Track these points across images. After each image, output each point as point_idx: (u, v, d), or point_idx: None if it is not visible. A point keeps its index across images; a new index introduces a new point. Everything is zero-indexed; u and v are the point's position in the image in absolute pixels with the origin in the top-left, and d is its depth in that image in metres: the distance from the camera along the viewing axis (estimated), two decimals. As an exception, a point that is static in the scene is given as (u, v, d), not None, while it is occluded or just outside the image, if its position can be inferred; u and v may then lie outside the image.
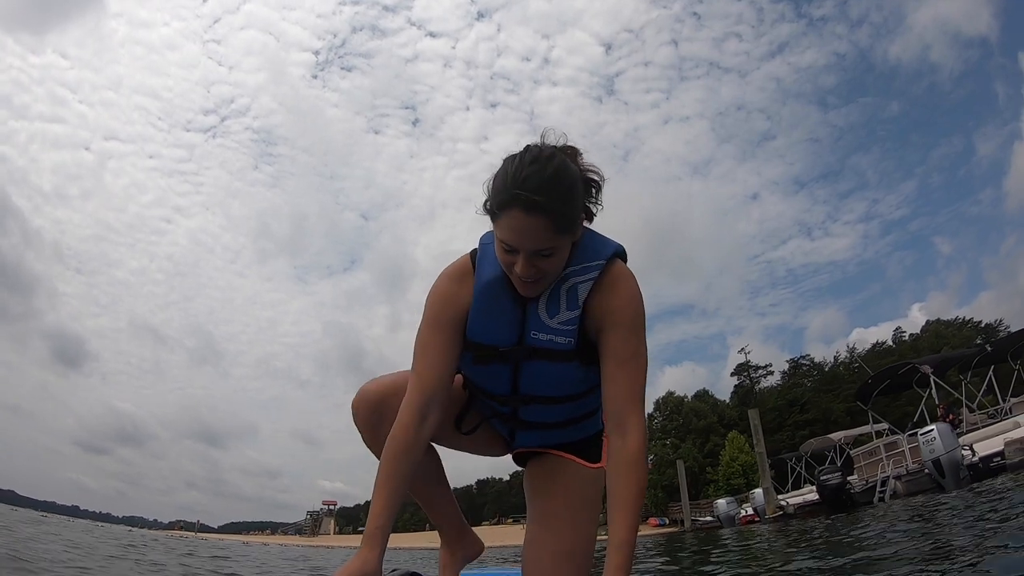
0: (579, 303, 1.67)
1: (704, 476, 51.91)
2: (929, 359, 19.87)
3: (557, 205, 1.52)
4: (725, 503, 28.40)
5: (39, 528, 10.14)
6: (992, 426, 15.36)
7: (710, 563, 5.95)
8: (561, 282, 1.68)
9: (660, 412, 62.06)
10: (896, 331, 69.61)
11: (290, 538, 77.33)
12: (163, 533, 44.18)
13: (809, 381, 63.76)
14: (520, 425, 1.92)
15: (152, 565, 5.62)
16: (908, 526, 6.06)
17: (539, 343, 1.71)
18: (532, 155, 1.56)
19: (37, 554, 4.84)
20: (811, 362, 68.55)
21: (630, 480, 1.57)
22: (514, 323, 1.72)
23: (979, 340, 57.80)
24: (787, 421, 55.14)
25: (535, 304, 1.70)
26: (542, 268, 1.59)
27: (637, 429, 1.62)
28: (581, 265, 1.68)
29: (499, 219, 1.56)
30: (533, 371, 1.76)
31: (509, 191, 1.52)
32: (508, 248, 1.57)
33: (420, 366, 1.73)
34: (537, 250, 1.55)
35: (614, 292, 1.68)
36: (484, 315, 1.74)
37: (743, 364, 69.96)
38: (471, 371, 1.83)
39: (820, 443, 28.63)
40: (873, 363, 60.47)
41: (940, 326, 63.50)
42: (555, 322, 1.69)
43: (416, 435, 1.67)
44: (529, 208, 1.50)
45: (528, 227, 1.52)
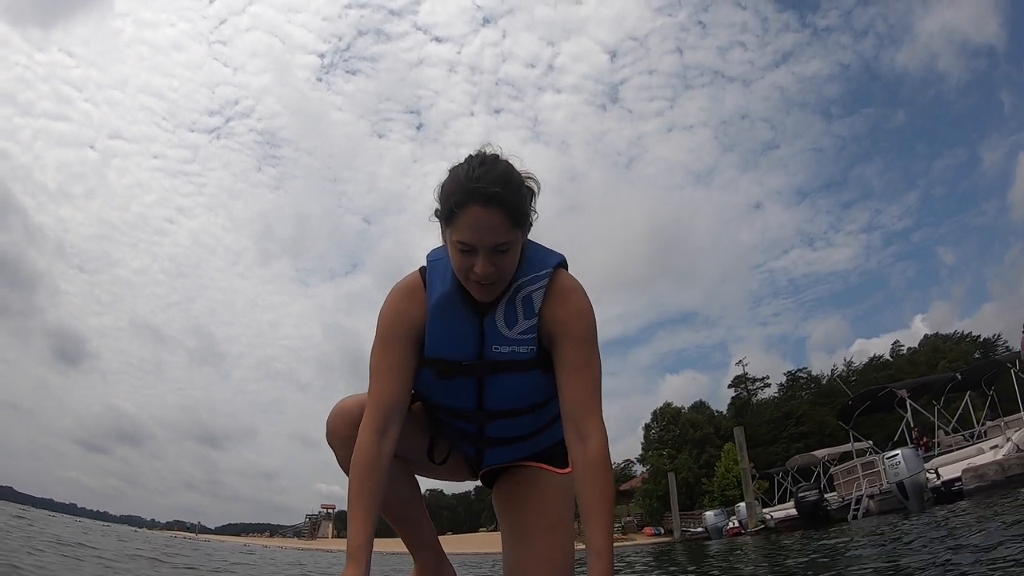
0: (536, 311, 1.74)
1: (699, 487, 52.20)
2: (905, 383, 20.67)
3: (512, 198, 1.62)
4: (713, 515, 29.13)
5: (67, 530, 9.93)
6: (960, 451, 16.08)
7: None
8: (515, 292, 1.74)
9: (657, 423, 62.25)
10: (894, 344, 69.95)
11: (288, 540, 77.63)
12: (166, 534, 44.30)
13: (806, 394, 64.01)
14: (488, 443, 1.97)
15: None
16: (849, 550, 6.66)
17: (502, 356, 1.77)
18: (480, 159, 1.66)
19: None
20: (808, 375, 68.93)
21: (596, 487, 1.63)
22: (473, 337, 1.77)
23: (977, 355, 58.24)
24: (782, 434, 55.35)
25: (492, 318, 1.75)
26: (500, 267, 1.65)
27: (597, 434, 1.67)
28: (530, 275, 1.75)
29: (456, 219, 1.62)
30: (498, 384, 1.81)
31: (466, 188, 1.60)
32: (466, 248, 1.63)
33: (375, 386, 1.78)
34: (496, 244, 1.62)
35: (565, 302, 1.75)
36: (441, 331, 1.78)
37: (740, 376, 70.46)
38: (435, 389, 1.85)
39: (805, 459, 29.42)
40: (870, 377, 61.08)
41: (938, 340, 63.66)
42: (515, 332, 1.75)
43: (378, 452, 1.71)
44: (487, 201, 1.58)
45: (487, 221, 1.59)
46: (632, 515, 59.03)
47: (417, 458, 2.01)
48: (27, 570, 3.61)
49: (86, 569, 4.14)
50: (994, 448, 14.25)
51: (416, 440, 1.96)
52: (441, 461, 2.03)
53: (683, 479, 53.17)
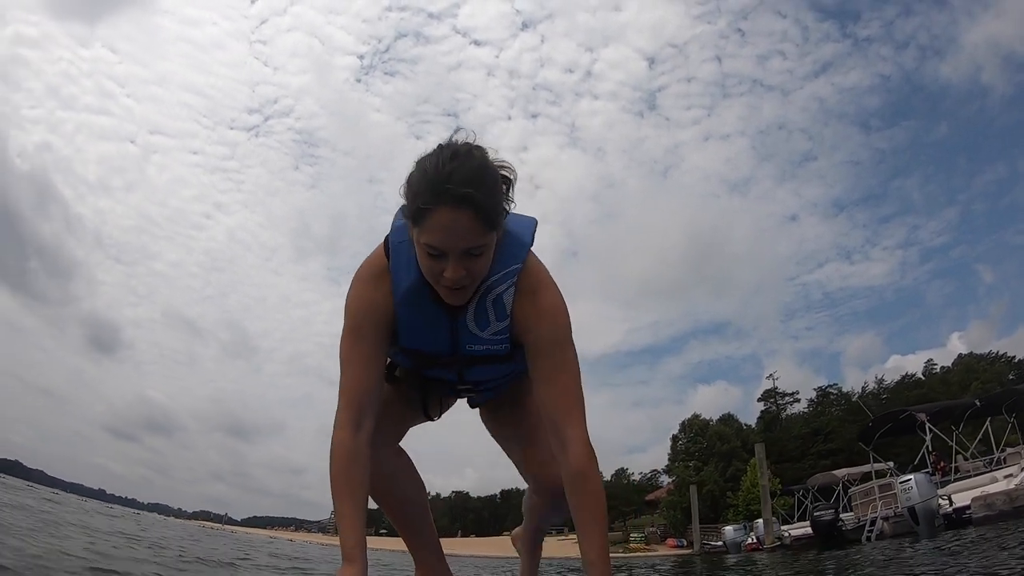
0: (507, 312, 1.69)
1: (724, 500, 52.07)
2: (926, 407, 20.76)
3: (485, 198, 1.50)
4: (732, 530, 29.31)
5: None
6: (974, 478, 16.21)
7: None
8: (485, 293, 1.67)
9: (685, 434, 62.34)
10: (927, 363, 69.20)
11: (314, 535, 78.88)
12: (195, 523, 45.04)
13: (836, 410, 63.47)
14: (468, 388, 2.00)
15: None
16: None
17: (476, 352, 1.76)
18: (451, 151, 1.53)
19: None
20: (838, 391, 68.39)
21: (584, 497, 1.62)
22: (445, 334, 1.74)
23: (1012, 375, 57.27)
24: (810, 450, 55.10)
25: (463, 319, 1.71)
26: (471, 270, 1.56)
27: (576, 442, 1.64)
28: (501, 272, 1.67)
29: (424, 221, 1.51)
30: (476, 371, 1.86)
31: (434, 188, 1.48)
32: (435, 252, 1.53)
33: (349, 378, 1.71)
34: (467, 248, 1.52)
35: (535, 302, 1.70)
36: (414, 326, 1.74)
37: (770, 390, 70.20)
38: (413, 369, 1.91)
39: (825, 478, 29.49)
40: (901, 395, 60.45)
41: (972, 360, 62.98)
42: (487, 334, 1.72)
43: (356, 444, 1.66)
44: (458, 202, 1.46)
45: (458, 224, 1.48)
46: (656, 526, 59.08)
47: (414, 418, 2.06)
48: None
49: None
50: (1008, 477, 14.39)
51: (411, 402, 2.01)
52: (437, 416, 2.09)
53: (708, 492, 53.10)
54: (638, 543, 55.17)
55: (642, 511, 71.25)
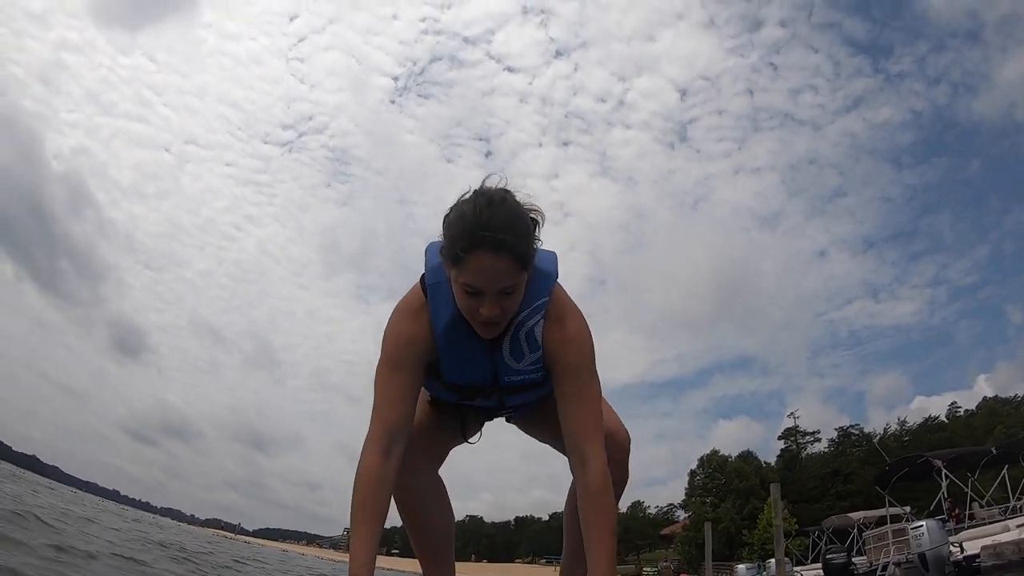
0: (539, 343, 1.83)
1: (740, 538, 51.55)
2: (942, 453, 20.70)
3: (519, 243, 1.63)
4: (745, 569, 29.33)
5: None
6: (987, 526, 16.15)
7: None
8: (518, 328, 1.81)
9: (703, 469, 62.10)
10: (951, 406, 68.17)
11: (326, 551, 78.83)
12: (207, 531, 44.97)
13: (857, 451, 62.70)
14: (509, 410, 2.10)
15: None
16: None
17: (515, 383, 1.90)
18: (487, 198, 1.66)
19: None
20: (860, 431, 67.51)
21: (597, 513, 1.70)
22: (485, 367, 1.86)
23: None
24: (830, 490, 54.42)
25: (499, 353, 1.84)
26: (505, 308, 1.70)
27: (596, 459, 1.74)
28: (531, 307, 1.80)
29: (463, 263, 1.63)
30: (516, 397, 1.98)
31: (473, 234, 1.60)
32: (473, 291, 1.66)
33: (384, 409, 1.80)
34: (503, 288, 1.65)
35: (563, 330, 1.84)
36: (455, 360, 1.86)
37: (791, 428, 69.40)
38: (457, 401, 2.01)
39: (841, 520, 29.20)
40: (923, 438, 59.53)
41: (997, 404, 61.89)
42: (523, 365, 1.86)
43: (384, 472, 1.74)
44: (496, 248, 1.59)
45: (495, 267, 1.61)
46: (669, 560, 58.46)
47: (453, 440, 2.14)
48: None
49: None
50: (1020, 527, 14.31)
51: (450, 426, 2.10)
52: (475, 439, 2.17)
53: (724, 529, 52.65)
54: (651, 576, 54.80)
55: (657, 545, 70.66)
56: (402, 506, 2.04)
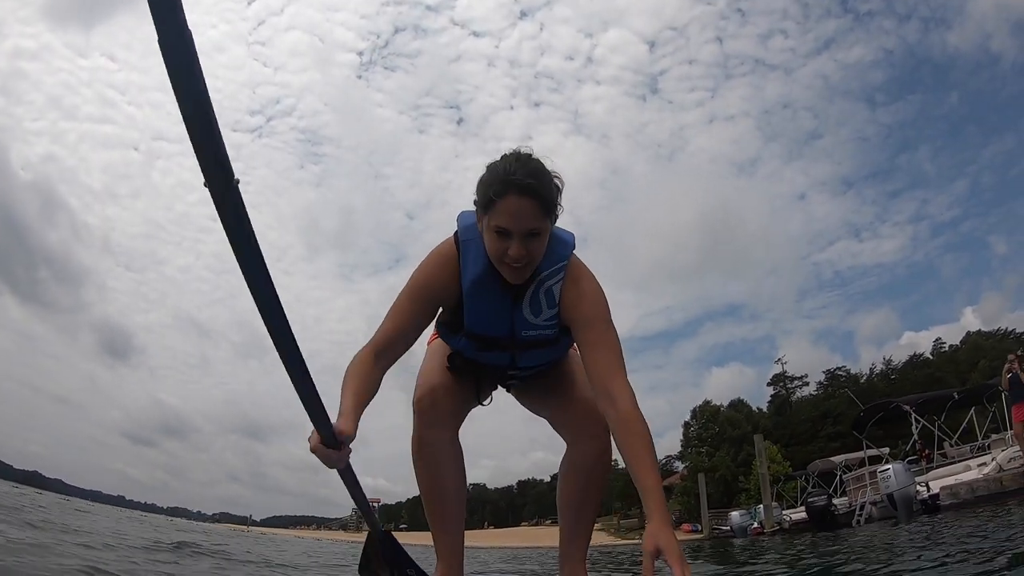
0: (556, 301, 1.99)
1: (737, 484, 52.82)
2: (910, 398, 21.90)
3: (544, 189, 1.84)
4: (738, 515, 30.32)
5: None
6: (952, 466, 17.27)
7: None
8: (538, 286, 1.98)
9: (696, 421, 63.06)
10: (936, 342, 69.57)
11: (335, 533, 79.28)
12: (221, 527, 44.89)
13: (845, 391, 63.86)
14: (517, 374, 2.24)
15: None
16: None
17: (530, 338, 2.05)
18: (516, 155, 1.89)
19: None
20: (847, 373, 68.96)
21: (634, 437, 1.75)
22: (506, 320, 2.02)
23: (1020, 351, 57.20)
24: (820, 432, 55.62)
25: (520, 308, 2.00)
26: (531, 251, 1.86)
27: (623, 391, 1.83)
28: (550, 269, 1.98)
29: (494, 207, 1.83)
30: (528, 355, 2.12)
31: (504, 180, 1.82)
32: (502, 231, 1.84)
33: (387, 324, 1.97)
34: (529, 230, 1.83)
35: (579, 290, 1.99)
36: (478, 311, 2.01)
37: (779, 374, 71.05)
38: (473, 353, 2.12)
39: (824, 464, 30.59)
40: (910, 375, 60.91)
41: (981, 338, 63.30)
42: (540, 320, 2.01)
43: (372, 366, 1.89)
44: (523, 191, 1.80)
45: (522, 208, 1.81)
46: (671, 512, 59.58)
47: (469, 402, 2.24)
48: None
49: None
50: (981, 465, 15.38)
51: (465, 388, 2.20)
52: (488, 401, 2.28)
53: (721, 477, 53.92)
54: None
55: (657, 495, 72.04)
56: (421, 461, 2.13)
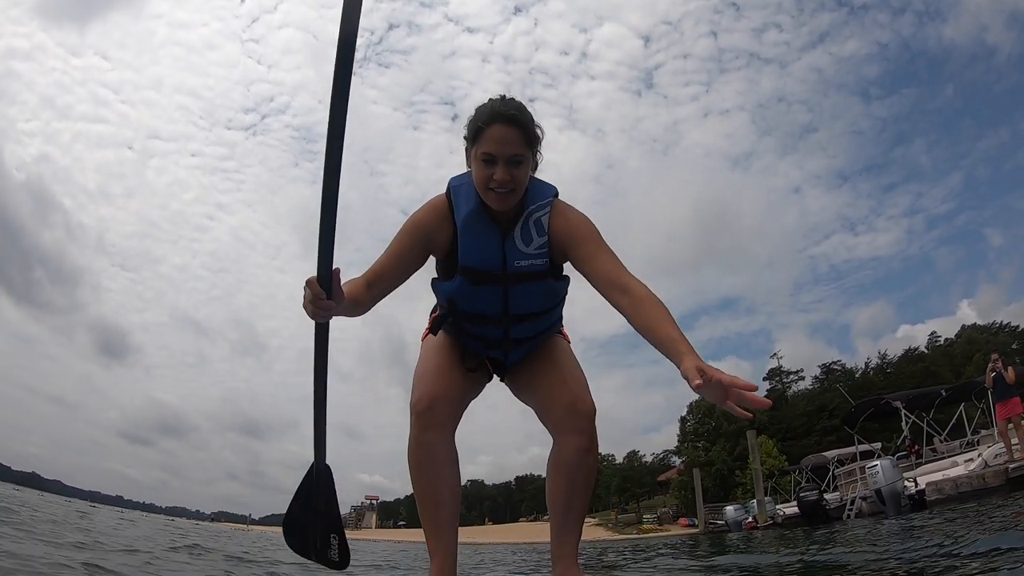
0: (545, 230, 2.10)
1: (733, 479, 53.08)
2: (900, 395, 22.21)
3: (526, 122, 2.03)
4: (732, 509, 30.57)
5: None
6: (939, 461, 17.53)
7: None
8: (527, 217, 2.11)
9: (693, 415, 63.71)
10: (931, 336, 70.05)
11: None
12: (226, 526, 44.39)
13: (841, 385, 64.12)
14: (512, 344, 2.28)
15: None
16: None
17: (522, 268, 2.11)
18: (500, 96, 2.08)
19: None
20: (842, 367, 69.35)
21: (652, 308, 1.85)
22: (497, 251, 2.10)
23: (1014, 345, 57.48)
24: (816, 426, 56.08)
25: (511, 238, 2.10)
26: (515, 177, 2.00)
27: (633, 280, 1.95)
28: (537, 203, 2.12)
29: (481, 136, 2.01)
30: (520, 291, 2.14)
31: (490, 111, 2.02)
32: (488, 158, 2.00)
33: (382, 257, 2.13)
34: (513, 155, 1.99)
35: (567, 217, 2.12)
36: (471, 244, 2.11)
37: (775, 369, 71.55)
38: (469, 296, 2.16)
39: (817, 459, 30.97)
40: (905, 369, 61.22)
41: (975, 332, 63.44)
42: (531, 248, 2.10)
43: (363, 286, 2.05)
44: (507, 120, 1.99)
45: (507, 135, 1.99)
46: (668, 506, 60.18)
47: (469, 392, 2.31)
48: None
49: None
50: (967, 462, 15.56)
51: (460, 377, 2.26)
52: (473, 368, 2.30)
53: (718, 471, 54.15)
54: (651, 524, 56.58)
55: (655, 492, 72.56)
56: (417, 463, 2.15)
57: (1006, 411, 12.69)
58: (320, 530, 2.49)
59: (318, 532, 2.50)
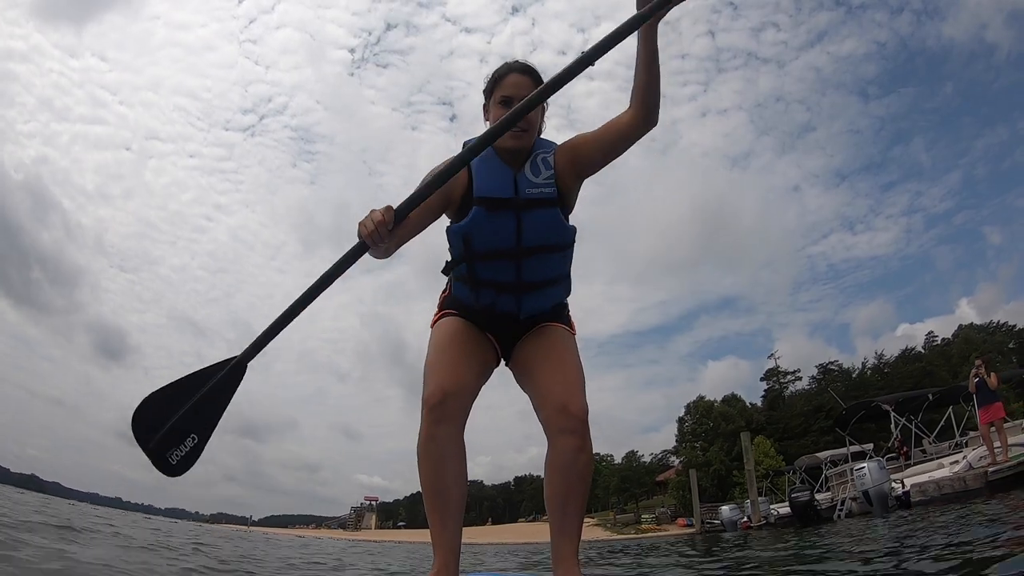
0: (551, 165, 2.29)
1: (731, 479, 53.28)
2: (889, 398, 22.63)
3: (538, 75, 2.31)
4: (728, 509, 31.04)
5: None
6: (926, 463, 17.93)
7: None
8: (535, 157, 2.30)
9: (690, 416, 63.82)
10: (928, 335, 70.48)
11: (335, 532, 79.04)
12: (227, 528, 44.39)
13: (838, 385, 64.11)
14: (524, 288, 2.32)
15: None
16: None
17: (533, 195, 2.25)
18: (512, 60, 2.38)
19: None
20: (839, 368, 69.65)
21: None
22: (509, 182, 2.26)
23: (1011, 344, 57.68)
24: (813, 426, 56.21)
25: (522, 172, 2.28)
26: (529, 117, 2.19)
27: (626, 112, 2.23)
28: (543, 147, 2.34)
29: (499, 85, 2.32)
30: (532, 218, 2.26)
31: (506, 65, 2.34)
32: (506, 101, 2.26)
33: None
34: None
35: (565, 145, 2.34)
36: (485, 176, 2.27)
37: (772, 369, 71.85)
38: (484, 228, 2.25)
39: (810, 460, 31.31)
40: (901, 369, 61.43)
41: (972, 331, 63.68)
42: (540, 179, 2.27)
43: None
44: (521, 71, 2.31)
45: (521, 81, 2.28)
46: (666, 507, 60.53)
47: (480, 377, 2.34)
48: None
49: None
50: (953, 464, 15.92)
51: (463, 336, 2.36)
52: (488, 304, 2.34)
53: (715, 471, 54.51)
54: (649, 523, 56.98)
55: (654, 492, 72.79)
56: (427, 456, 2.15)
57: (988, 415, 13.11)
58: (182, 422, 2.16)
59: (178, 424, 2.16)
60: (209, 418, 2.20)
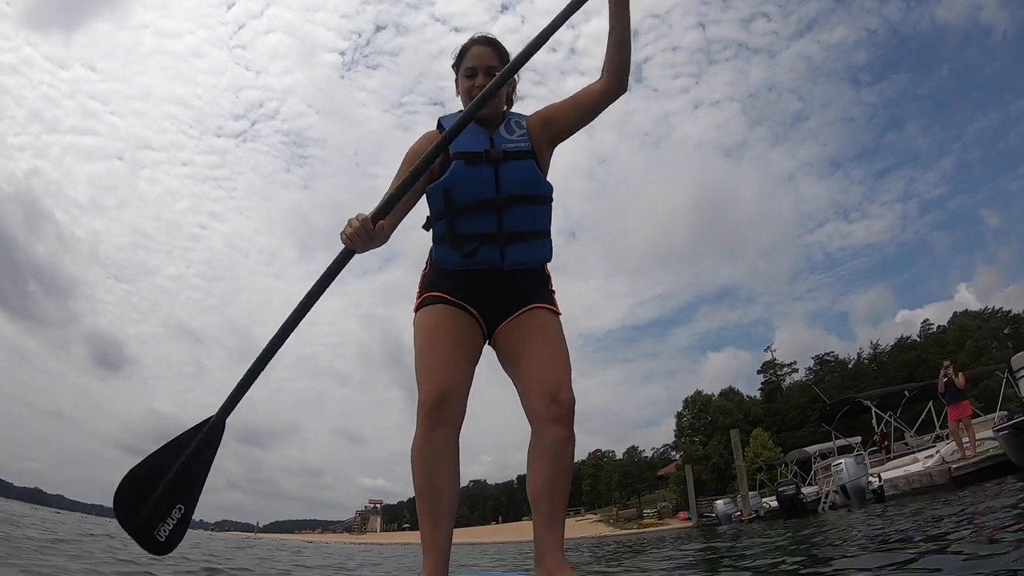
0: (524, 125, 2.40)
1: (730, 472, 53.74)
2: (871, 394, 23.30)
3: (500, 46, 2.46)
4: (723, 503, 31.79)
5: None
6: (902, 458, 18.62)
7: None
8: (508, 119, 2.42)
9: (689, 410, 64.31)
10: (923, 324, 70.80)
11: (340, 536, 78.88)
12: (236, 535, 43.64)
13: (835, 376, 64.99)
14: (507, 237, 2.29)
15: None
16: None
17: (509, 148, 2.32)
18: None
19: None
20: (835, 359, 70.25)
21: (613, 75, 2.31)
22: (485, 138, 2.34)
23: (1006, 331, 58.04)
24: (810, 418, 56.64)
25: (497, 131, 2.37)
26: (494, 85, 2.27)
27: (596, 81, 2.37)
28: (514, 116, 2.45)
29: (464, 57, 2.44)
30: (509, 169, 2.30)
31: (470, 40, 2.47)
32: (471, 72, 2.40)
33: (391, 186, 2.27)
34: (490, 67, 2.37)
35: (537, 114, 2.44)
36: (461, 138, 2.27)
37: (769, 362, 72.60)
38: (464, 181, 2.28)
39: (800, 454, 31.94)
40: (897, 358, 61.91)
41: (967, 318, 64.11)
42: (514, 137, 2.36)
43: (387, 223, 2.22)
44: (484, 43, 2.44)
45: (483, 52, 2.41)
46: (667, 501, 61.11)
47: (469, 366, 2.32)
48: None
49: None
50: (927, 458, 16.52)
51: (451, 324, 2.33)
52: (471, 253, 2.27)
53: (714, 465, 55.19)
54: (651, 518, 57.71)
55: (655, 486, 73.13)
56: (421, 459, 2.15)
57: (957, 413, 13.92)
58: (165, 495, 2.11)
59: (161, 497, 2.11)
60: (193, 485, 2.17)
